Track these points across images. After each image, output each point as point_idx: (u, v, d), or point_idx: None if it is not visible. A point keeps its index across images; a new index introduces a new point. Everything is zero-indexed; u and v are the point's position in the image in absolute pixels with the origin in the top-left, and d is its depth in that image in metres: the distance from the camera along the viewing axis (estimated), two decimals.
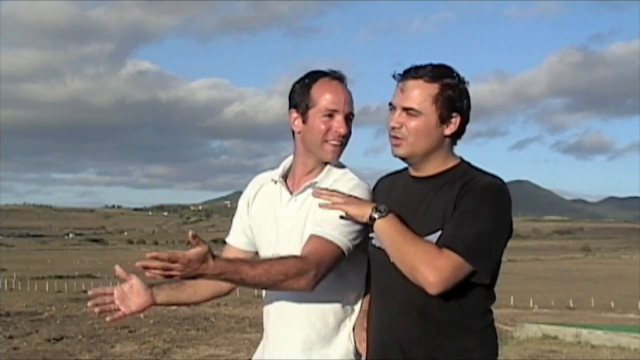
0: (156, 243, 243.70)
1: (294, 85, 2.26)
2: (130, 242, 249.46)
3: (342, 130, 2.17)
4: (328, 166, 2.23)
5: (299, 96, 2.21)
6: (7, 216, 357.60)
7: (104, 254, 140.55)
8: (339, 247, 2.07)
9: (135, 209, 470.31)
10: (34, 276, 63.88)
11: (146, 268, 1.85)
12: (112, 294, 2.22)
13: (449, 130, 2.02)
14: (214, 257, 1.91)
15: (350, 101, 2.20)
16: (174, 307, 19.61)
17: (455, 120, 2.01)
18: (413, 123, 1.99)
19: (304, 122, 2.20)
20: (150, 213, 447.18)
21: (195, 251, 1.86)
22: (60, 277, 66.60)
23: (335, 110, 2.17)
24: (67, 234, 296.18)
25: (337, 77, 2.22)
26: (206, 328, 12.71)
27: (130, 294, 2.23)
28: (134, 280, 2.24)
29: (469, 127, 2.07)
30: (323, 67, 2.27)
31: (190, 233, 1.92)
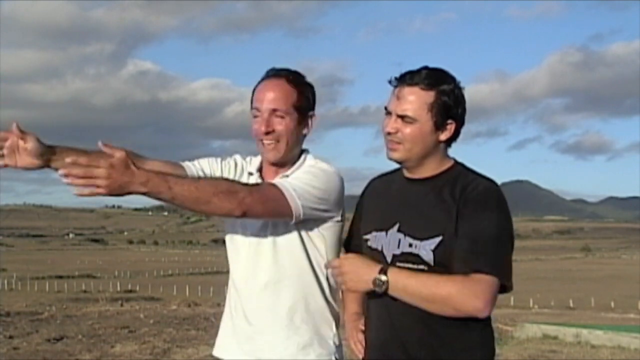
0: (156, 243, 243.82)
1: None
2: (130, 242, 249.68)
3: (262, 128, 2.14)
4: (301, 159, 2.21)
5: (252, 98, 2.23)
6: (7, 216, 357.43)
7: (104, 254, 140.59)
8: (286, 199, 2.02)
9: (135, 209, 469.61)
10: (34, 276, 63.93)
11: (67, 176, 1.78)
12: (4, 139, 2.00)
13: (444, 136, 2.02)
14: (135, 164, 1.84)
15: (276, 97, 2.14)
16: (174, 307, 19.61)
17: (451, 127, 2.02)
18: (408, 130, 1.99)
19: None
20: (150, 213, 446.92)
21: (116, 156, 1.79)
22: (60, 277, 66.74)
23: (257, 109, 2.16)
24: (67, 234, 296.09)
25: (270, 75, 2.19)
26: (206, 328, 12.68)
27: (22, 152, 2.02)
28: (30, 145, 2.00)
29: (468, 127, 2.09)
30: (323, 68, 2.28)
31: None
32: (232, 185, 1.96)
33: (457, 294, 1.86)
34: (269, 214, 2.04)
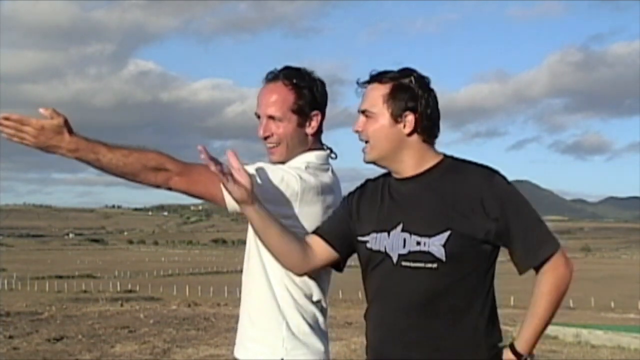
0: (156, 243, 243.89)
1: None
2: (130, 242, 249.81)
3: (260, 132, 2.20)
4: (293, 160, 2.21)
5: None
6: (7, 216, 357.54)
7: (104, 254, 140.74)
8: (220, 190, 2.04)
9: (135, 209, 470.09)
10: (34, 276, 63.94)
11: None
12: (30, 125, 1.91)
13: (406, 129, 2.01)
14: (70, 132, 1.93)
15: (272, 103, 2.17)
16: (174, 307, 19.62)
17: (410, 119, 2.01)
18: (370, 125, 2.02)
19: None
20: (150, 213, 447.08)
21: (50, 121, 1.90)
22: (60, 277, 66.77)
23: (257, 114, 2.22)
24: (67, 234, 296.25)
25: (268, 78, 2.22)
26: (206, 328, 12.71)
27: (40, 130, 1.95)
28: (50, 122, 1.94)
29: (468, 127, 2.09)
30: (324, 68, 2.25)
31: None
32: (163, 163, 2.03)
33: (561, 286, 2.02)
34: (196, 196, 2.13)
